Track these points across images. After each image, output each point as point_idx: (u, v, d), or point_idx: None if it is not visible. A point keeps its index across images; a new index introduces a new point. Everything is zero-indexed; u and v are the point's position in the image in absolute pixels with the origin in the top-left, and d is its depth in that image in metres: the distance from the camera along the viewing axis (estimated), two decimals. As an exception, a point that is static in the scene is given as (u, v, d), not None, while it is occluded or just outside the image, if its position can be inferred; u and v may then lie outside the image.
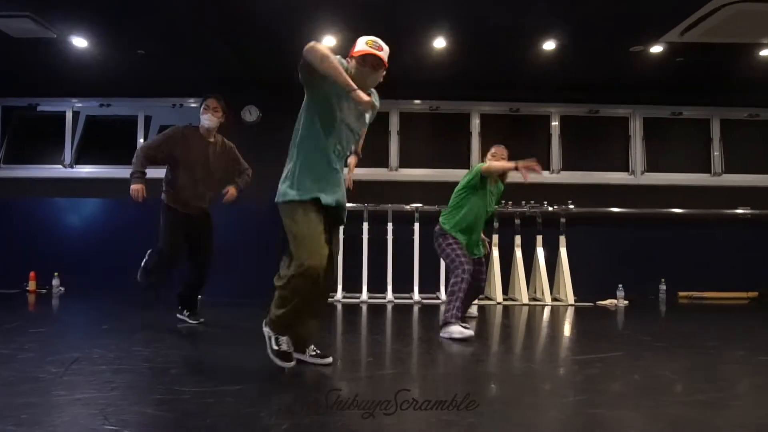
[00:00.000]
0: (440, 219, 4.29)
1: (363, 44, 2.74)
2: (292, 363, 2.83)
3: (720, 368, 3.27)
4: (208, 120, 4.13)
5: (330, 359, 3.05)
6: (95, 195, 7.20)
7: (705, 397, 2.57)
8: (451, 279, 4.10)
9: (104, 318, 4.99)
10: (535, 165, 3.76)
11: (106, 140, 7.51)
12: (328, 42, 5.69)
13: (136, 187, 4.05)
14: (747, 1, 4.43)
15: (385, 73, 2.84)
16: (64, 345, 3.68)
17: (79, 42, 5.64)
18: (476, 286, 4.34)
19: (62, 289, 6.84)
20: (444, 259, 4.30)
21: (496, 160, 4.22)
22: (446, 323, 4.04)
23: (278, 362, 2.81)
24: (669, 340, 4.15)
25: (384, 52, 2.76)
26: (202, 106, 4.15)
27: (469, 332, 4.01)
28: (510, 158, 4.22)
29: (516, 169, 3.88)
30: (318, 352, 3.05)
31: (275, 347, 2.82)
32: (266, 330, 2.89)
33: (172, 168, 4.19)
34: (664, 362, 3.34)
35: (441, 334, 4.07)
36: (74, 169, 7.36)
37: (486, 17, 5.13)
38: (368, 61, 2.72)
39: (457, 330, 3.97)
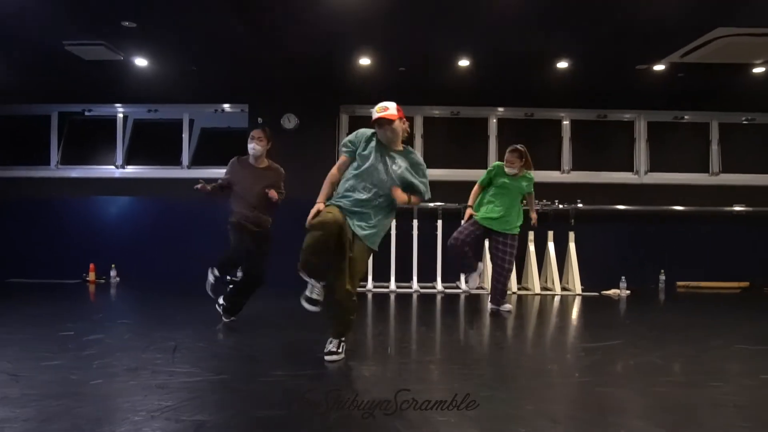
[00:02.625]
0: None
1: (374, 111, 3.42)
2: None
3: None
4: (253, 148, 4.56)
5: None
6: (145, 193, 7.91)
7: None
8: None
9: (170, 307, 5.69)
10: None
11: (153, 143, 8.20)
12: (364, 62, 6.35)
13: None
14: (738, 35, 5.01)
15: (405, 124, 3.50)
16: (158, 335, 4.36)
17: (141, 62, 6.27)
18: (495, 263, 5.49)
19: (118, 279, 7.59)
20: None
21: (508, 167, 5.35)
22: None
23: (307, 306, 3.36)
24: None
25: (389, 111, 3.39)
26: (249, 137, 4.62)
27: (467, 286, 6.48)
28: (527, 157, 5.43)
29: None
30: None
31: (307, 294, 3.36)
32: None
33: (231, 195, 4.66)
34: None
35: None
36: (125, 170, 8.06)
37: (506, 46, 5.75)
38: (377, 122, 3.41)
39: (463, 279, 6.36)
